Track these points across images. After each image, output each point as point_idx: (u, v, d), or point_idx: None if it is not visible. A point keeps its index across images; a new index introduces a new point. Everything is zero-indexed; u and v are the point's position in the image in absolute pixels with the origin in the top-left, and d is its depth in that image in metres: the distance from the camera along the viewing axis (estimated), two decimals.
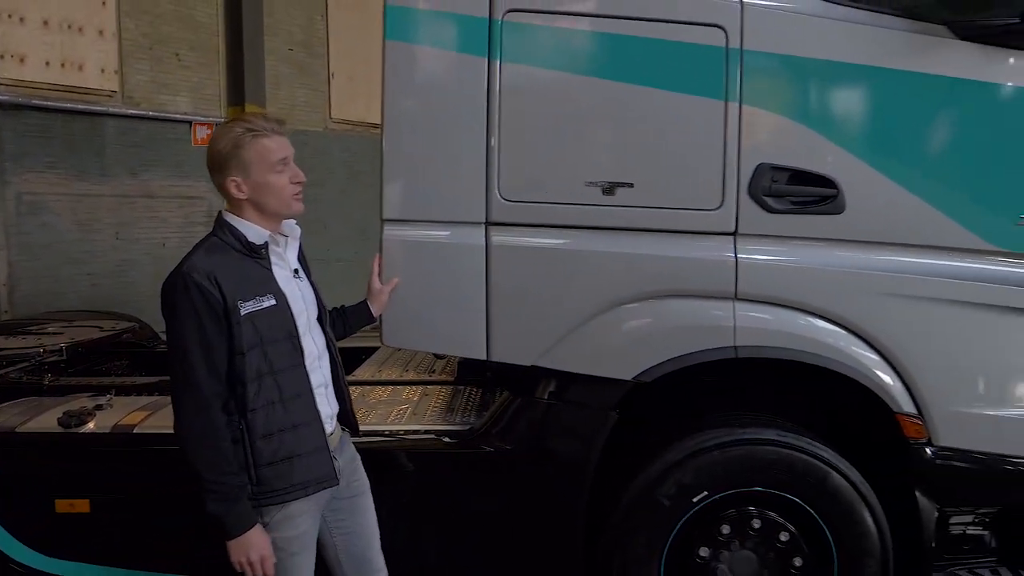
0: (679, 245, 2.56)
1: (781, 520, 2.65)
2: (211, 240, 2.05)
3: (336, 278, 9.20)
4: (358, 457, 2.32)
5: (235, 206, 2.06)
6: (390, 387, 3.32)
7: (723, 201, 2.52)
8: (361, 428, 2.56)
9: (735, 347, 2.55)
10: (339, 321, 2.45)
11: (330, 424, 2.16)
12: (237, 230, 2.03)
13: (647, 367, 2.56)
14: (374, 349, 4.20)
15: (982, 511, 2.79)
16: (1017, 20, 2.45)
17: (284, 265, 2.11)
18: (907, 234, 2.57)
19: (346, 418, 2.28)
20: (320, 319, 2.20)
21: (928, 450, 2.61)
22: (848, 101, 2.59)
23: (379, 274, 2.52)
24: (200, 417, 1.94)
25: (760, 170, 2.51)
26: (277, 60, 8.95)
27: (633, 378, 2.56)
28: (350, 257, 9.45)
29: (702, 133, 2.51)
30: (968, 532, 2.83)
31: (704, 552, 2.65)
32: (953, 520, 2.79)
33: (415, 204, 2.57)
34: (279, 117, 2.09)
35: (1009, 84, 2.54)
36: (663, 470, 2.61)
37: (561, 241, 2.56)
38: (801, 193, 2.53)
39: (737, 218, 2.53)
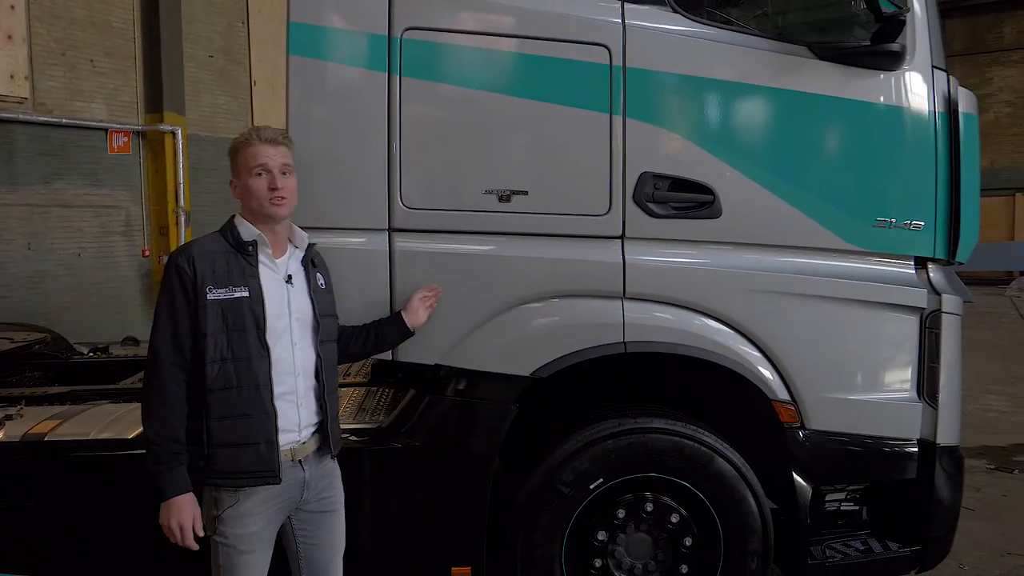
0: (571, 249, 2.73)
1: (672, 503, 2.85)
2: (214, 232, 2.27)
3: None
4: (336, 474, 2.41)
5: (241, 206, 2.28)
6: None
7: (610, 207, 2.71)
8: None
9: (624, 343, 2.74)
10: (372, 334, 2.56)
11: (300, 434, 2.24)
12: (235, 227, 2.24)
13: (544, 363, 2.72)
14: None
15: (852, 488, 3.05)
16: (868, 43, 2.73)
17: (275, 268, 2.25)
18: (777, 236, 2.81)
19: (325, 433, 2.31)
20: (315, 333, 2.27)
21: (801, 433, 2.85)
22: (721, 114, 2.81)
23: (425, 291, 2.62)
24: (155, 383, 2.13)
25: (643, 178, 2.71)
26: (197, 67, 8.88)
27: (531, 374, 2.73)
28: None
29: (590, 144, 2.70)
30: (842, 508, 3.09)
31: (602, 536, 2.83)
32: (829, 498, 3.05)
33: (320, 211, 2.67)
34: (284, 131, 2.32)
35: (863, 100, 2.80)
36: (561, 460, 2.78)
37: (460, 246, 2.71)
38: (681, 199, 2.74)
39: (624, 223, 2.72)
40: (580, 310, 2.74)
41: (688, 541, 2.86)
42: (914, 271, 2.92)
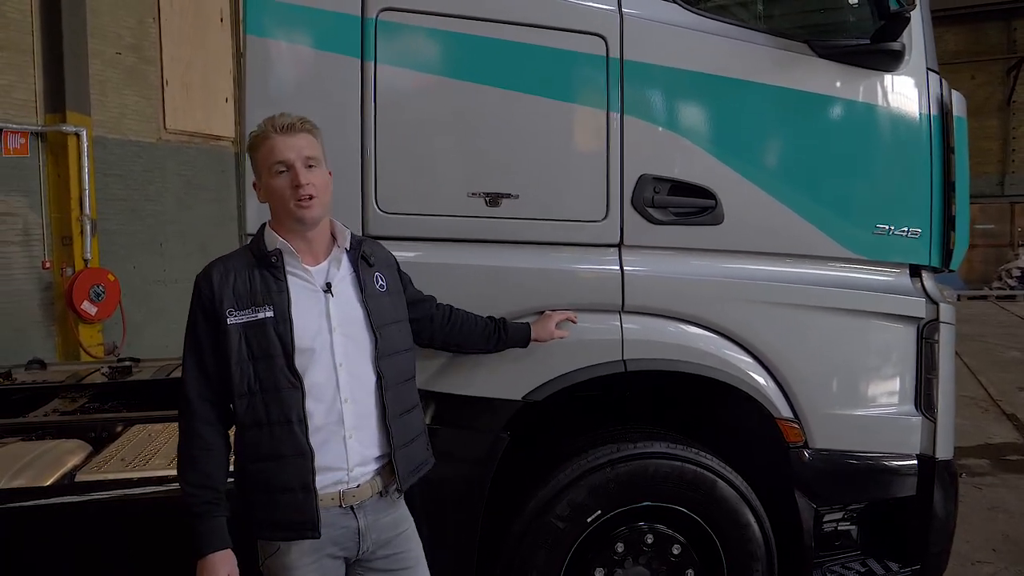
0: (566, 258, 2.48)
1: (672, 533, 2.64)
2: (242, 246, 1.98)
3: (174, 300, 8.56)
4: (409, 523, 2.06)
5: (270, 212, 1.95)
6: None
7: (608, 212, 2.48)
8: None
9: (624, 361, 2.51)
10: (496, 333, 2.31)
11: (350, 473, 1.88)
12: (260, 236, 1.93)
13: (537, 385, 2.46)
14: None
15: (851, 507, 2.91)
16: (868, 42, 2.60)
17: (307, 277, 1.90)
18: (780, 244, 2.64)
19: (392, 469, 1.94)
20: (373, 347, 1.91)
21: (806, 453, 2.68)
22: (722, 113, 2.60)
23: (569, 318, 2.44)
24: (184, 423, 1.85)
25: (643, 181, 2.49)
26: (103, 64, 8.19)
27: (523, 398, 2.46)
28: (189, 278, 8.75)
29: (586, 143, 2.47)
30: (839, 528, 2.95)
31: (599, 573, 2.58)
32: (827, 518, 2.90)
33: None
34: (302, 116, 1.90)
35: (863, 101, 2.67)
36: (556, 492, 2.52)
37: (444, 255, 2.42)
38: (682, 204, 2.53)
39: (622, 230, 2.49)
40: (575, 326, 2.48)
41: (691, 573, 2.64)
42: (910, 280, 2.82)
